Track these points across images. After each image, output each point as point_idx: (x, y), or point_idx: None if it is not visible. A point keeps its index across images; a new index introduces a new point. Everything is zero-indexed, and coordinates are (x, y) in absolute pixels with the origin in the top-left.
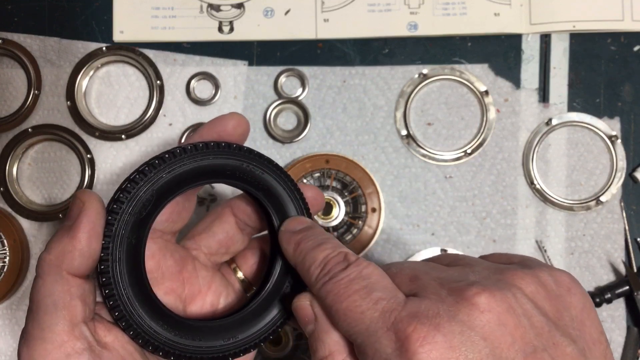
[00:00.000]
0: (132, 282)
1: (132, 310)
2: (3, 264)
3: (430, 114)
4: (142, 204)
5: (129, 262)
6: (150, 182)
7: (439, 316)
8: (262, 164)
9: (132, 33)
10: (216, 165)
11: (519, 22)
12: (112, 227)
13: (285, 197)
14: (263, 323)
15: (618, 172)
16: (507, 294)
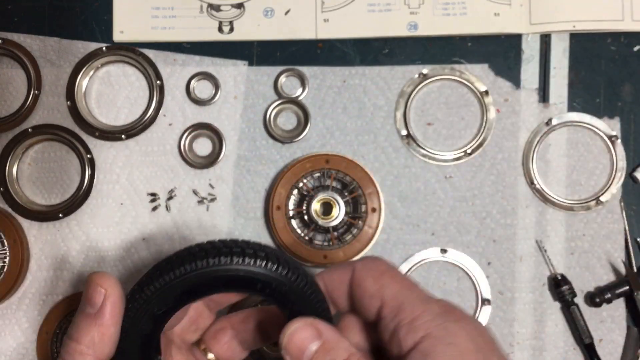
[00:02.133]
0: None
1: None
2: (3, 264)
3: (430, 114)
4: (164, 302)
5: (141, 352)
6: (176, 282)
7: None
8: (296, 279)
9: (132, 33)
10: (247, 277)
11: (519, 22)
12: (130, 316)
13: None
14: None
15: (618, 172)
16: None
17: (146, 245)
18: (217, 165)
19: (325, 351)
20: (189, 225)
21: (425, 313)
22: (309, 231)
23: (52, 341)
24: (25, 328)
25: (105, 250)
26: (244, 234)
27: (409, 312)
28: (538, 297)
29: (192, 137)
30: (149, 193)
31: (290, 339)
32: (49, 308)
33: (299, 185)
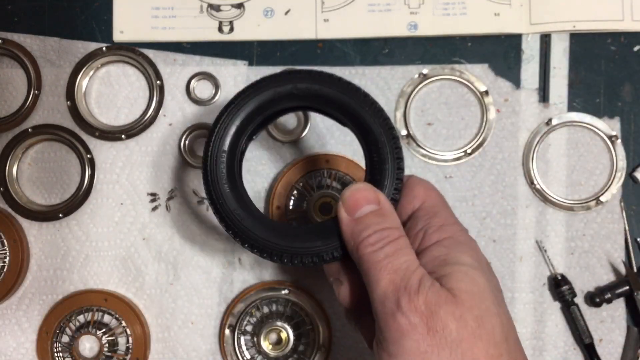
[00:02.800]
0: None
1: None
2: (3, 264)
3: (430, 114)
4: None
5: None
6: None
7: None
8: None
9: (132, 33)
10: (333, 97)
11: (519, 22)
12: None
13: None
14: (325, 244)
15: (618, 172)
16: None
17: (146, 245)
18: None
19: (378, 215)
20: (189, 225)
21: (455, 225)
22: None
23: (52, 341)
24: (25, 328)
25: (105, 250)
26: None
27: (441, 219)
28: (538, 297)
29: (192, 137)
30: (149, 193)
31: (352, 193)
32: (49, 308)
33: (299, 185)
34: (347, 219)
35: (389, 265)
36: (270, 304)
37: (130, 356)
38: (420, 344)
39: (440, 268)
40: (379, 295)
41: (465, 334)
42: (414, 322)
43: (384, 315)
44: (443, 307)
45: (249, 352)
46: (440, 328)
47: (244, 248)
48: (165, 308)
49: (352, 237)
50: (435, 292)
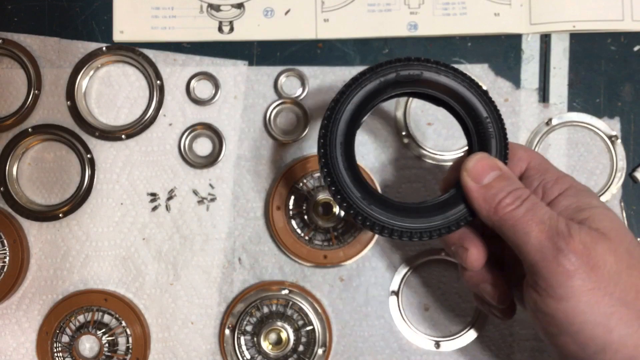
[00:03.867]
0: (348, 167)
1: (349, 190)
2: (3, 264)
3: (430, 114)
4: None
5: (344, 151)
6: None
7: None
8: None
9: (132, 33)
10: (431, 83)
11: (519, 22)
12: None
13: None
14: (448, 215)
15: (618, 172)
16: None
17: (146, 245)
18: (217, 165)
19: (504, 179)
20: (189, 225)
21: (568, 176)
22: (309, 231)
23: (52, 341)
24: (25, 328)
25: (105, 250)
26: (244, 234)
27: (553, 174)
28: None
29: (192, 137)
30: (149, 193)
31: (476, 163)
32: (49, 308)
33: (299, 185)
34: (476, 187)
35: (534, 218)
36: (270, 304)
37: (130, 356)
38: (587, 282)
39: (577, 214)
40: (534, 245)
41: (622, 266)
42: (577, 262)
43: (544, 262)
44: (599, 244)
45: (249, 352)
46: (601, 264)
47: (379, 234)
48: (165, 308)
49: (486, 202)
50: (587, 233)
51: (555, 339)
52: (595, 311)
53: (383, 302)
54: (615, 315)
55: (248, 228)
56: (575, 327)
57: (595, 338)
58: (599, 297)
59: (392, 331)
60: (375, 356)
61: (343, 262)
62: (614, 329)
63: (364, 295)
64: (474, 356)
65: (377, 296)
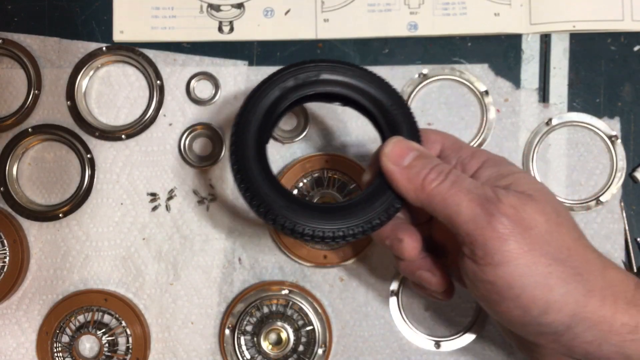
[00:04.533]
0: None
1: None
2: (3, 264)
3: (430, 114)
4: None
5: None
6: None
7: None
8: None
9: (132, 33)
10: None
11: (519, 22)
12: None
13: (396, 115)
14: (376, 206)
15: (618, 172)
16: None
17: (146, 245)
18: (217, 165)
19: (423, 157)
20: (189, 225)
21: (483, 150)
22: None
23: (52, 341)
24: (25, 328)
25: (105, 250)
26: (244, 234)
27: (468, 150)
28: None
29: (192, 137)
30: (149, 193)
31: (393, 147)
32: (49, 308)
33: (299, 185)
34: (397, 169)
35: (462, 189)
36: (270, 304)
37: (130, 356)
38: (522, 244)
39: (500, 181)
40: (466, 215)
41: (552, 224)
42: (510, 225)
43: (478, 230)
44: (527, 205)
45: (249, 352)
46: (533, 224)
47: (304, 240)
48: (165, 308)
49: (411, 182)
50: (514, 196)
51: (497, 307)
52: (534, 272)
53: (383, 302)
54: (554, 274)
55: (248, 228)
56: (516, 290)
57: (537, 299)
58: (536, 257)
59: (392, 331)
60: (375, 356)
61: (343, 262)
62: (553, 287)
63: (364, 295)
64: (474, 356)
65: (377, 296)
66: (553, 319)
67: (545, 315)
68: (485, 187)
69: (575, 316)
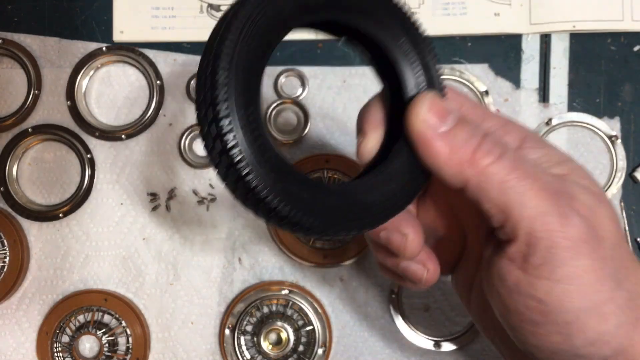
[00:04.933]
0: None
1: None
2: (3, 264)
3: None
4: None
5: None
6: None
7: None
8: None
9: (132, 33)
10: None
11: (519, 22)
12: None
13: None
14: (394, 185)
15: (618, 172)
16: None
17: (146, 245)
18: None
19: (466, 123)
20: (189, 225)
21: (513, 123)
22: None
23: (52, 341)
24: (25, 328)
25: (105, 250)
26: (244, 234)
27: (495, 120)
28: None
29: (192, 137)
30: (149, 193)
31: (430, 105)
32: (49, 308)
33: None
34: (436, 134)
35: (527, 173)
36: (270, 304)
37: (130, 356)
38: (594, 259)
39: (553, 168)
40: (533, 208)
41: (619, 236)
42: (586, 233)
43: (546, 232)
44: (601, 208)
45: (249, 352)
46: (604, 235)
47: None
48: (165, 308)
49: (456, 152)
50: (588, 194)
51: (533, 327)
52: (596, 297)
53: (383, 302)
54: (614, 301)
55: (248, 228)
56: (569, 316)
57: (587, 328)
58: (602, 278)
59: (392, 331)
60: (375, 356)
61: (343, 262)
62: (609, 317)
63: (364, 295)
64: (474, 356)
65: (377, 296)
66: (596, 351)
67: (589, 347)
68: (557, 177)
69: (620, 352)
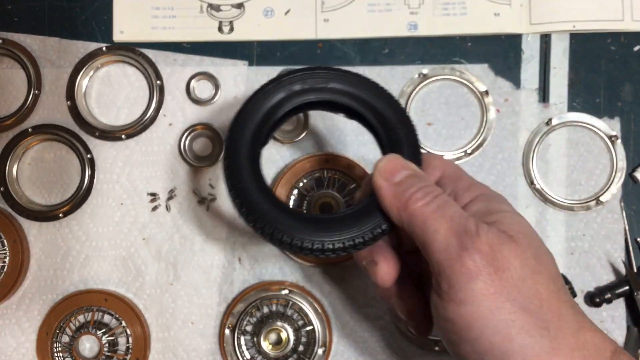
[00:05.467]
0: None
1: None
2: (3, 264)
3: (430, 114)
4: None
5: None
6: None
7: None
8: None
9: (132, 33)
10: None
11: (519, 22)
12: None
13: (398, 130)
14: (363, 224)
15: (618, 172)
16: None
17: (146, 245)
18: (217, 165)
19: (416, 176)
20: (189, 225)
21: (481, 184)
22: None
23: (52, 341)
24: (25, 328)
25: (105, 250)
26: (244, 234)
27: (466, 181)
28: None
29: (192, 137)
30: (149, 193)
31: (387, 162)
32: (49, 308)
33: (299, 185)
34: (386, 184)
35: (445, 215)
36: (270, 304)
37: (130, 356)
38: (489, 285)
39: (487, 217)
40: (440, 243)
41: (527, 271)
42: (481, 263)
43: (449, 261)
44: (505, 246)
45: (249, 352)
46: (505, 267)
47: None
48: (165, 308)
49: (397, 199)
50: (495, 234)
51: (457, 348)
52: (496, 317)
53: (383, 302)
54: (517, 323)
55: (248, 228)
56: (474, 333)
57: (494, 347)
58: (501, 302)
59: (392, 331)
60: (375, 356)
61: (343, 262)
62: (514, 337)
63: (364, 295)
64: None
65: (377, 296)
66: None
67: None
68: (470, 219)
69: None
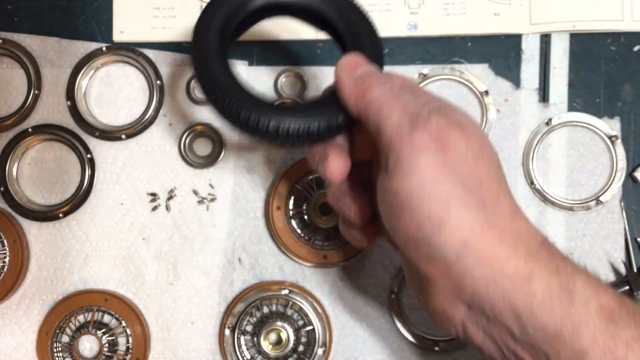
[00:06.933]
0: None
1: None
2: (3, 264)
3: None
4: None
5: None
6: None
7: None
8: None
9: (132, 33)
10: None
11: (519, 22)
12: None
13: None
14: (324, 113)
15: (618, 172)
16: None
17: (146, 245)
18: (217, 165)
19: (374, 74)
20: (189, 225)
21: (438, 97)
22: (309, 231)
23: (52, 341)
24: (25, 328)
25: (105, 250)
26: (244, 234)
27: (422, 92)
28: None
29: (192, 137)
30: (149, 193)
31: (348, 59)
32: (49, 308)
33: (299, 185)
34: (347, 78)
35: (400, 103)
36: (270, 304)
37: (130, 356)
38: (434, 160)
39: (440, 110)
40: (393, 123)
41: (471, 153)
42: (429, 140)
43: (399, 137)
44: (453, 131)
45: (249, 352)
46: (451, 147)
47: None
48: (165, 308)
49: (355, 89)
50: (445, 120)
51: (397, 221)
52: (437, 188)
53: (383, 302)
54: (455, 196)
55: (248, 228)
56: (414, 201)
57: (432, 215)
58: (444, 175)
59: (392, 331)
60: (375, 356)
61: (343, 262)
62: (452, 209)
63: (364, 295)
64: (474, 356)
65: (377, 296)
66: (444, 241)
67: (437, 235)
68: (424, 107)
69: (467, 245)
